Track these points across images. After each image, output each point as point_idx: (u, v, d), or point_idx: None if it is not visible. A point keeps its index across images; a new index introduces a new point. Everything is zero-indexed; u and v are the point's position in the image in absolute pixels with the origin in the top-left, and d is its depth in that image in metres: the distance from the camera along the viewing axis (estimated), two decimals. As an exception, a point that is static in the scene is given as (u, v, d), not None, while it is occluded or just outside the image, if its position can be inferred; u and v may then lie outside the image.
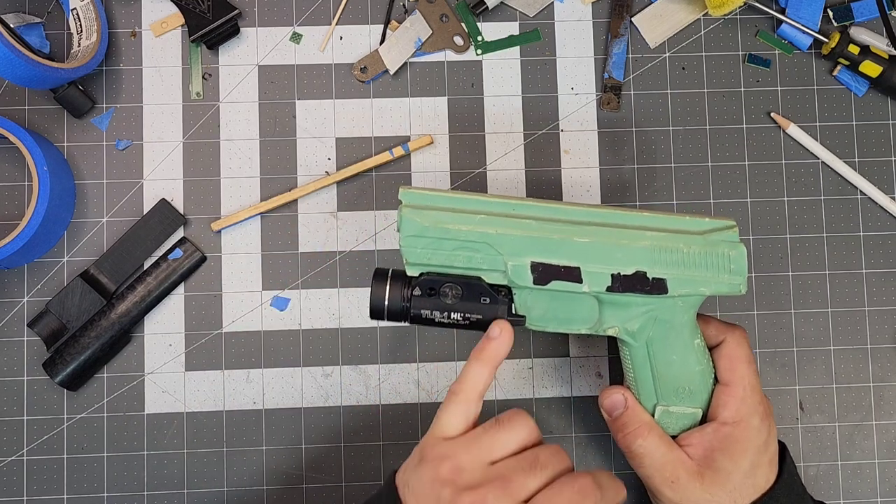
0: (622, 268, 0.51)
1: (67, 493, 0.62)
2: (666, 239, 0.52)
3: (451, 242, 0.51)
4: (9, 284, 0.63)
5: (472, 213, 0.51)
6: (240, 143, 0.65)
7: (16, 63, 0.55)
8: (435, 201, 0.52)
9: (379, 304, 0.52)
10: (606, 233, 0.52)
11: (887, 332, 0.66)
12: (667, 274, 0.52)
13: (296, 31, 0.66)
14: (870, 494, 0.64)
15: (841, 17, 0.67)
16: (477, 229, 0.51)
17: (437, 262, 0.51)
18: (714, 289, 0.52)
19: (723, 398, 0.54)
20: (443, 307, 0.52)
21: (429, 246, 0.51)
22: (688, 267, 0.52)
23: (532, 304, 0.52)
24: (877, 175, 0.67)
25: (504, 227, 0.51)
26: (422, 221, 0.51)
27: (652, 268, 0.52)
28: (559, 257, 0.51)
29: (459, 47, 0.66)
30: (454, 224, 0.51)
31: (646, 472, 0.54)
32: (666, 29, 0.67)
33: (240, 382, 0.63)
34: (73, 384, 0.62)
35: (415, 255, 0.51)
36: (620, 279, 0.51)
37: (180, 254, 0.63)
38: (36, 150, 0.60)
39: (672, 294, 0.52)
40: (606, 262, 0.51)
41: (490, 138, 0.66)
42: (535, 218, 0.52)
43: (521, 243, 0.51)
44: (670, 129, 0.66)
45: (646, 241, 0.52)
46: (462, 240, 0.51)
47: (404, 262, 0.52)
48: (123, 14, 0.66)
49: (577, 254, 0.51)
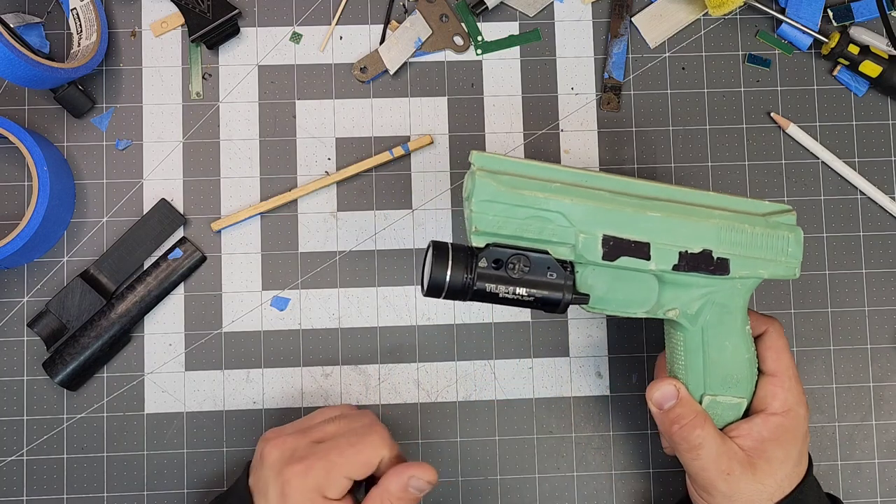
0: (690, 245, 0.50)
1: (67, 493, 0.62)
2: (732, 218, 0.51)
3: (524, 210, 0.49)
4: (9, 284, 0.63)
5: (545, 181, 0.50)
6: (240, 143, 0.65)
7: (16, 63, 0.55)
8: (507, 167, 0.49)
9: (440, 281, 0.48)
10: (676, 209, 0.51)
11: (887, 332, 0.66)
12: (731, 254, 0.51)
13: (296, 30, 0.66)
14: (870, 494, 0.64)
15: (841, 17, 0.67)
16: (553, 197, 0.49)
17: (508, 230, 0.49)
18: (771, 271, 0.52)
19: (770, 388, 0.54)
20: (508, 281, 0.49)
21: (501, 213, 0.48)
22: (751, 248, 0.51)
23: (594, 282, 0.51)
24: (877, 175, 0.67)
25: (579, 197, 0.49)
26: (497, 186, 0.48)
27: (718, 247, 0.51)
28: (630, 231, 0.50)
29: (459, 47, 0.66)
30: (530, 191, 0.49)
31: (701, 465, 0.53)
32: (666, 29, 0.67)
33: (240, 382, 0.63)
34: (73, 384, 0.62)
35: (485, 222, 0.48)
36: (687, 258, 0.50)
37: (180, 254, 0.63)
38: (36, 150, 0.60)
39: (733, 276, 0.51)
40: (675, 239, 0.50)
41: (490, 138, 0.66)
42: (607, 190, 0.50)
43: (594, 215, 0.49)
44: (670, 129, 0.66)
45: (714, 219, 0.51)
46: (537, 207, 0.49)
47: (471, 230, 0.49)
48: (123, 14, 0.66)
49: (647, 229, 0.50)
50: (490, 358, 0.64)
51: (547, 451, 0.64)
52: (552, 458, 0.64)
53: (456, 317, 0.64)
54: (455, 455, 0.64)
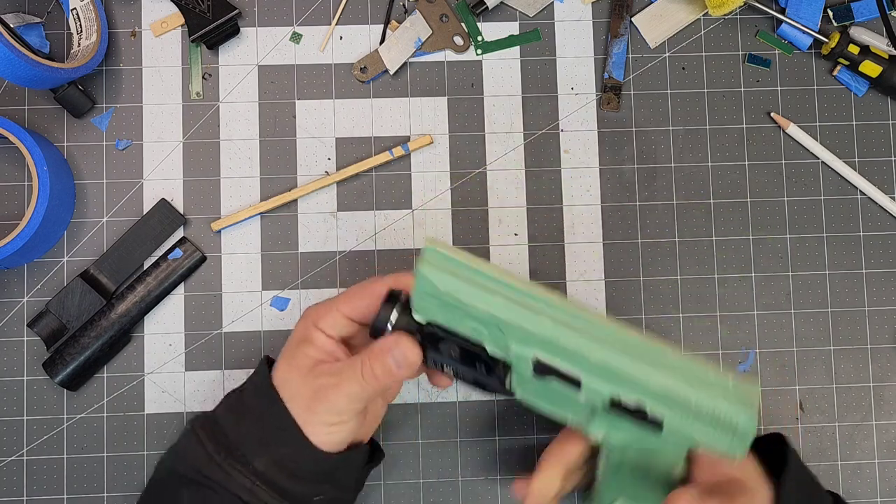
0: (625, 396, 0.48)
1: (67, 493, 0.62)
2: (678, 385, 0.48)
3: (462, 312, 0.49)
4: (9, 284, 0.63)
5: (491, 291, 0.49)
6: (240, 143, 0.65)
7: (16, 63, 0.55)
8: (457, 268, 0.49)
9: (382, 328, 0.51)
10: (620, 361, 0.48)
11: (887, 332, 0.66)
12: (666, 417, 0.48)
13: (296, 30, 0.66)
14: (870, 494, 0.64)
15: (841, 17, 0.67)
16: (491, 311, 0.48)
17: (445, 322, 0.49)
18: (710, 442, 0.48)
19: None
20: (437, 357, 0.51)
21: (440, 307, 0.49)
22: (691, 418, 0.48)
23: (526, 381, 0.50)
24: (877, 175, 0.67)
25: (519, 318, 0.48)
26: (438, 285, 0.48)
27: (654, 407, 0.48)
28: (565, 363, 0.48)
29: (459, 47, 0.66)
30: (470, 299, 0.48)
31: None
32: (666, 29, 0.67)
33: (240, 382, 0.63)
34: (73, 384, 0.62)
35: (424, 310, 0.50)
36: (618, 405, 0.48)
37: (180, 254, 0.63)
38: (36, 150, 0.60)
39: (665, 435, 0.49)
40: (611, 384, 0.48)
41: (490, 138, 0.66)
42: (554, 319, 0.48)
43: (531, 338, 0.48)
44: (670, 129, 0.66)
45: (658, 380, 0.48)
46: (473, 315, 0.49)
47: (413, 307, 0.50)
48: (123, 14, 0.66)
49: (583, 367, 0.48)
50: (490, 358, 0.64)
51: (547, 451, 0.64)
52: (552, 458, 0.64)
53: (456, 317, 0.64)
54: (455, 455, 0.64)
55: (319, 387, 0.50)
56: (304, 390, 0.50)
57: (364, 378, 0.49)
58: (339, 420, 0.50)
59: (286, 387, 0.51)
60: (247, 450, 0.51)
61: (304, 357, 0.51)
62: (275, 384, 0.51)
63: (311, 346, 0.51)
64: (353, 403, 0.50)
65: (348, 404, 0.50)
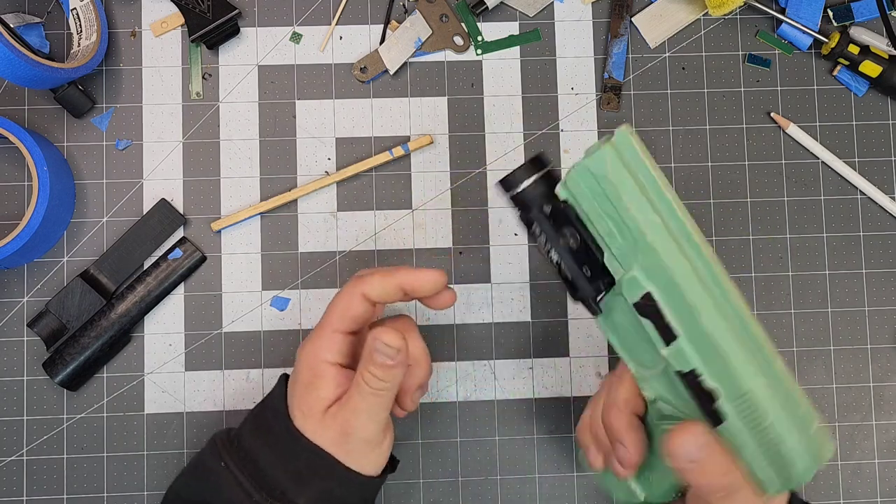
0: (707, 377, 0.44)
1: (67, 493, 0.62)
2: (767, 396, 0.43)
3: (609, 209, 0.45)
4: (9, 284, 0.63)
5: (654, 207, 0.45)
6: (239, 143, 0.65)
7: (16, 63, 0.55)
8: (636, 166, 0.44)
9: (514, 184, 0.47)
10: (729, 344, 0.43)
11: (887, 332, 0.66)
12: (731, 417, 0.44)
13: (296, 31, 0.66)
14: (870, 494, 0.64)
15: (841, 17, 0.67)
16: (641, 226, 0.44)
17: (585, 209, 0.45)
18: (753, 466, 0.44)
19: None
20: (553, 239, 0.47)
21: (592, 193, 0.44)
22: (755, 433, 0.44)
23: (616, 309, 0.47)
24: (877, 175, 0.67)
25: (663, 248, 0.43)
26: (607, 173, 0.44)
27: (728, 403, 0.43)
28: (673, 315, 0.44)
29: (459, 47, 0.66)
30: (630, 203, 0.44)
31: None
32: (666, 29, 0.67)
33: (240, 382, 0.63)
34: (73, 384, 0.62)
35: (574, 188, 0.45)
36: (693, 379, 0.44)
37: (180, 254, 0.63)
38: (36, 150, 0.60)
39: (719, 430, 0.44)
40: (703, 359, 0.44)
41: (490, 138, 0.66)
42: (694, 268, 0.43)
43: (656, 271, 0.44)
44: (670, 129, 0.66)
45: (751, 383, 0.43)
46: (620, 217, 0.44)
47: (563, 179, 0.46)
48: (123, 14, 0.66)
49: (689, 328, 0.44)
50: (490, 358, 0.64)
51: (547, 451, 0.64)
52: (552, 458, 0.64)
53: (456, 317, 0.64)
54: (455, 455, 0.64)
55: (343, 422, 0.50)
56: (330, 432, 0.50)
57: (371, 388, 0.49)
58: (375, 441, 0.50)
59: (309, 432, 0.50)
60: (286, 487, 0.50)
61: (317, 401, 0.50)
62: (297, 426, 0.51)
63: (322, 387, 0.51)
64: (377, 422, 0.50)
65: (375, 424, 0.50)
